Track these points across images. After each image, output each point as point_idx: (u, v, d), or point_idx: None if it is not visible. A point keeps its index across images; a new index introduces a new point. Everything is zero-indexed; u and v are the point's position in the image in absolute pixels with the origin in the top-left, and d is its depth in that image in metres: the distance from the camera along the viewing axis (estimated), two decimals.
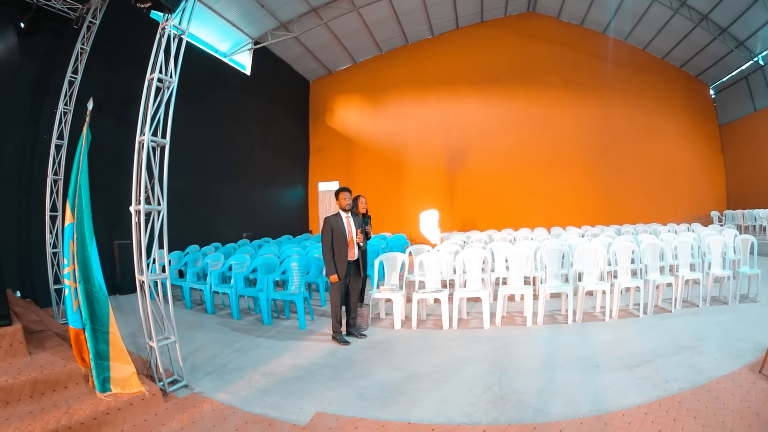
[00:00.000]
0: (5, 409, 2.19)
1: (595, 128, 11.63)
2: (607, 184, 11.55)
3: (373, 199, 13.32)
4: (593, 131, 11.64)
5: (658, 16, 10.16)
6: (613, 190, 11.52)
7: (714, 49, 10.43)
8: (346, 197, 4.24)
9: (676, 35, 10.54)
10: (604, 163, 11.57)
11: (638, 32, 11.11)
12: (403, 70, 12.70)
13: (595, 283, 4.54)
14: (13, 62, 5.32)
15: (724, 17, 9.38)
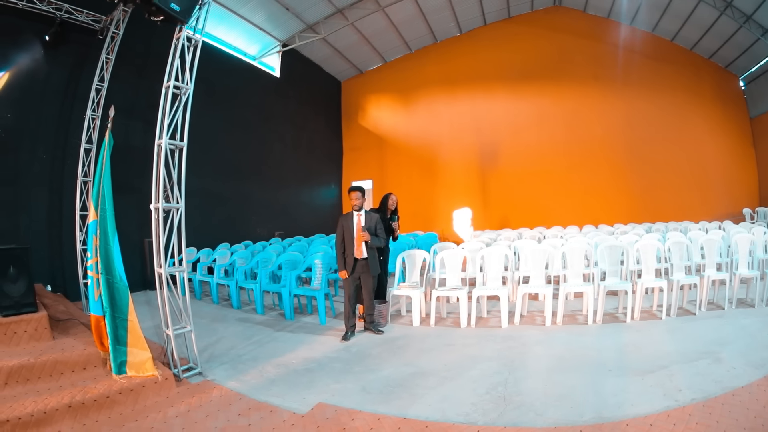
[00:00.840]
0: (25, 385, 2.46)
1: (625, 123, 11.20)
2: (639, 181, 11.11)
3: (407, 198, 13.41)
4: (624, 126, 11.22)
5: (684, 6, 9.66)
6: (646, 186, 11.06)
7: (740, 38, 9.73)
8: (356, 197, 4.33)
9: (703, 24, 9.96)
10: (635, 159, 11.13)
11: (665, 23, 10.58)
12: (433, 68, 12.70)
13: (617, 283, 4.26)
14: (41, 73, 5.82)
15: (748, 4, 8.76)
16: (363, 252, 4.27)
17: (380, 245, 4.41)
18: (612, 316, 4.45)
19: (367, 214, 4.35)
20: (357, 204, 4.32)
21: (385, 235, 4.48)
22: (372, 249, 4.31)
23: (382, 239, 4.40)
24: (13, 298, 3.01)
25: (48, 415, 2.27)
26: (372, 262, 4.31)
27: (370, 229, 4.30)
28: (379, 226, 4.39)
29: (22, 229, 5.56)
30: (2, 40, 5.56)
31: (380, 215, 4.59)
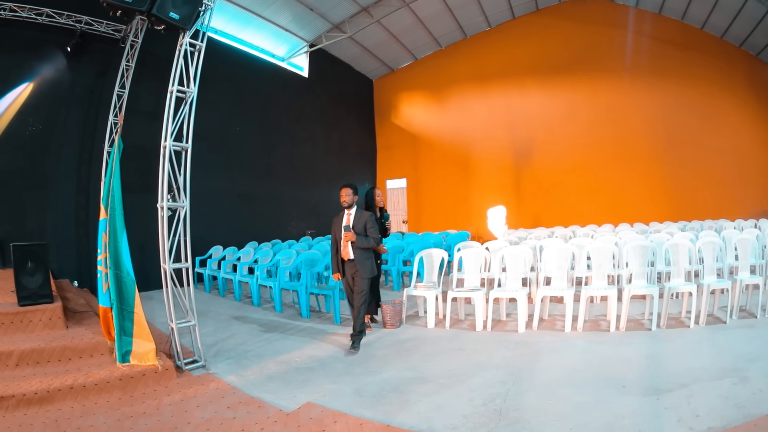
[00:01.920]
0: (34, 368, 2.76)
1: (658, 116, 10.58)
2: (674, 176, 10.45)
3: (441, 196, 13.46)
4: (657, 120, 10.60)
5: None
6: (681, 182, 10.40)
7: None
8: (344, 194, 4.17)
9: (731, 10, 9.15)
10: (669, 154, 10.49)
11: (694, 9, 9.85)
12: (464, 64, 12.62)
13: (643, 287, 3.90)
14: (65, 82, 6.35)
15: None
16: (349, 253, 4.10)
17: (368, 246, 4.09)
18: (637, 323, 4.13)
19: (357, 213, 4.18)
20: (344, 201, 4.16)
21: (377, 234, 4.21)
22: (361, 250, 4.08)
23: (372, 239, 4.10)
24: (31, 289, 3.38)
25: (50, 394, 2.54)
26: (362, 264, 4.07)
27: (358, 228, 4.09)
28: (371, 226, 4.12)
29: (48, 228, 6.12)
30: (26, 53, 6.12)
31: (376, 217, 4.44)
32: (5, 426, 2.31)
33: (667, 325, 3.94)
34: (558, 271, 4.57)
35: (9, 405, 2.40)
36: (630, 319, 4.06)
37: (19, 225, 5.78)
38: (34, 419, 2.39)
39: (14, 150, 6.14)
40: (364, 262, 4.07)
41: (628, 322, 3.97)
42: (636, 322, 4.13)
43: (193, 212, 8.98)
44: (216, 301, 6.68)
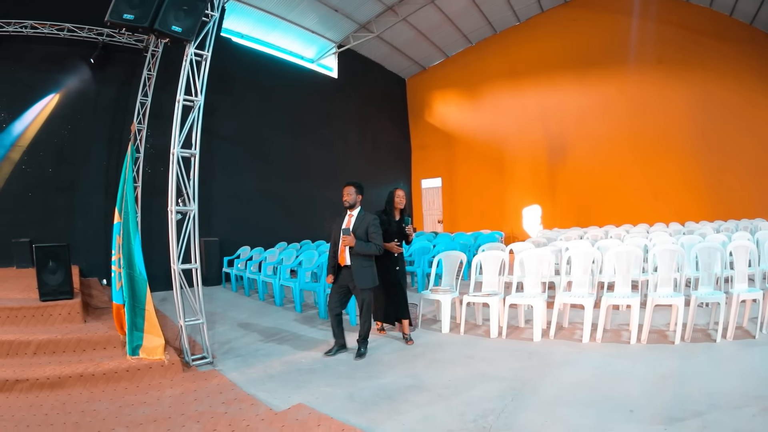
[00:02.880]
0: (50, 356, 3.10)
1: (692, 110, 10.05)
2: (710, 174, 9.87)
3: (476, 195, 13.33)
4: (691, 114, 10.07)
5: None
6: (717, 180, 9.81)
7: None
8: (347, 192, 3.89)
9: None
10: (704, 150, 9.93)
11: None
12: (495, 60, 12.51)
13: (668, 296, 3.55)
14: (91, 91, 6.89)
15: None
16: (346, 259, 3.79)
17: (368, 252, 3.74)
18: (661, 334, 3.85)
19: (360, 215, 3.86)
20: (346, 201, 3.87)
21: (380, 241, 3.84)
22: (360, 257, 3.74)
23: (374, 246, 3.75)
24: (52, 286, 3.78)
25: (62, 380, 2.85)
26: (360, 273, 3.73)
27: (359, 232, 3.77)
28: (373, 230, 3.78)
29: (77, 230, 6.70)
30: (50, 66, 6.67)
31: (386, 218, 4.22)
32: (17, 405, 2.64)
33: (693, 338, 3.63)
34: (581, 276, 4.31)
35: (23, 388, 2.75)
36: (654, 329, 3.78)
37: (49, 227, 6.36)
38: (43, 401, 2.71)
39: (43, 157, 6.75)
40: (362, 270, 3.74)
41: (651, 334, 3.71)
42: (660, 334, 3.85)
43: (223, 214, 9.53)
44: (240, 300, 7.02)
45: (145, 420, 2.67)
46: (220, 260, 8.34)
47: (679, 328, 3.60)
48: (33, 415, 2.53)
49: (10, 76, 6.46)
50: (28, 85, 6.61)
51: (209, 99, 9.64)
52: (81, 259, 6.43)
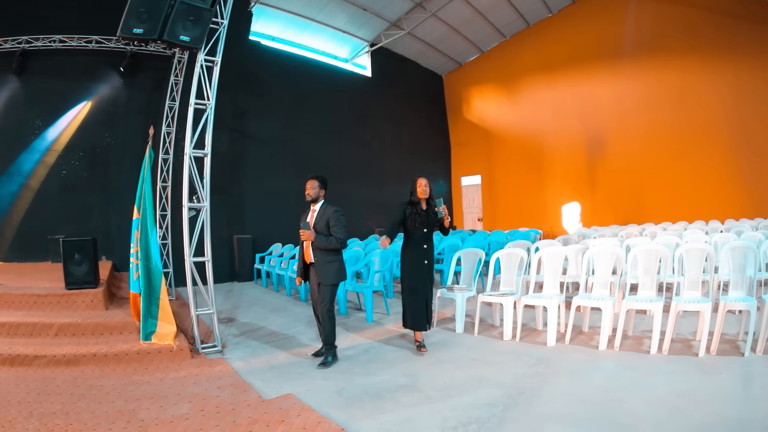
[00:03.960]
0: (70, 338, 3.48)
1: (730, 101, 9.28)
2: (751, 169, 9.05)
3: (515, 192, 13.01)
4: (729, 104, 9.30)
5: None
6: (759, 175, 8.98)
7: None
8: (309, 186, 3.73)
9: None
10: (744, 143, 9.12)
11: None
12: (530, 54, 12.21)
13: (693, 301, 3.13)
14: (122, 98, 7.46)
15: None
16: (310, 255, 3.66)
17: (328, 246, 3.57)
18: (685, 344, 3.50)
19: (322, 209, 3.70)
20: (308, 195, 3.72)
21: (344, 234, 3.64)
22: (322, 252, 3.60)
23: (335, 239, 3.58)
24: (77, 276, 4.21)
25: (76, 358, 3.20)
26: (323, 268, 3.58)
27: (319, 226, 3.62)
28: (334, 223, 3.61)
29: (112, 227, 7.27)
30: (81, 76, 7.26)
31: (411, 208, 3.90)
32: (33, 377, 3.01)
33: (719, 350, 3.25)
34: (602, 277, 3.99)
35: (41, 363, 3.14)
36: (679, 338, 3.44)
37: (84, 225, 6.97)
38: (57, 375, 3.06)
39: (78, 160, 7.42)
40: (325, 266, 3.59)
41: (674, 343, 3.37)
42: (685, 344, 3.49)
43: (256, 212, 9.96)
44: (268, 295, 7.34)
45: (143, 396, 2.94)
46: (252, 257, 8.74)
47: (704, 338, 3.23)
48: (45, 386, 2.88)
49: (43, 86, 7.18)
50: (61, 94, 7.32)
51: (240, 101, 10.18)
52: (115, 254, 7.07)
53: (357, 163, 11.54)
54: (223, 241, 8.60)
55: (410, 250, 3.96)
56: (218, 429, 2.51)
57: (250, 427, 2.52)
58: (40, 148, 7.09)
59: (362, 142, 11.72)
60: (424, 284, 3.93)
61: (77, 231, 5.30)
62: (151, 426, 2.55)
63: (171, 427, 2.52)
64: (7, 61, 6.83)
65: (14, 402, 2.69)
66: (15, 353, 3.16)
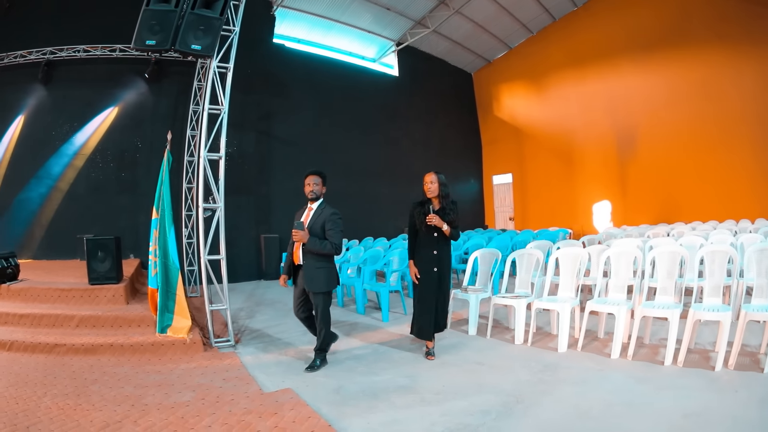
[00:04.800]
0: (90, 329, 3.76)
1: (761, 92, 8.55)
2: None
3: (546, 191, 12.60)
4: (758, 96, 8.58)
5: None
6: None
7: None
8: (310, 182, 3.54)
9: None
10: None
11: None
12: (557, 49, 11.82)
13: (711, 309, 2.82)
14: (148, 102, 7.79)
15: None
16: (299, 257, 3.45)
17: (321, 251, 3.35)
18: (703, 355, 3.23)
19: (319, 209, 3.49)
20: (309, 192, 3.51)
21: (340, 239, 3.43)
22: (314, 256, 3.38)
23: (330, 244, 3.36)
24: (100, 272, 4.51)
25: (94, 347, 3.46)
26: (312, 275, 3.37)
27: (314, 228, 3.41)
28: (330, 227, 3.40)
29: (140, 227, 7.39)
30: (107, 83, 7.62)
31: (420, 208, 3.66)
32: (52, 363, 3.28)
33: (738, 364, 2.96)
34: (620, 280, 3.74)
35: (60, 351, 3.43)
36: (698, 349, 3.17)
37: (113, 224, 7.27)
38: (75, 362, 3.33)
39: (107, 163, 7.84)
40: (315, 271, 3.38)
41: (692, 354, 3.08)
42: (703, 355, 3.23)
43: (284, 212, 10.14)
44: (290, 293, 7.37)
45: (151, 384, 3.13)
46: (279, 256, 8.93)
47: (722, 350, 2.96)
48: (62, 371, 3.15)
49: (69, 94, 7.64)
50: (87, 101, 7.78)
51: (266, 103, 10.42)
52: (142, 253, 7.28)
53: (386, 162, 11.54)
54: (250, 240, 8.90)
55: (419, 255, 3.68)
56: (214, 416, 2.63)
57: (243, 417, 2.62)
58: (68, 152, 7.61)
59: (391, 141, 11.72)
60: (434, 293, 3.62)
61: (106, 230, 5.56)
62: (153, 410, 2.71)
63: (171, 412, 2.68)
64: (33, 71, 7.34)
65: (31, 383, 2.96)
66: (37, 341, 3.47)
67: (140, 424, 2.53)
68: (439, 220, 3.53)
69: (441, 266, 3.66)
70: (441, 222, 3.54)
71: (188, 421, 2.57)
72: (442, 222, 3.55)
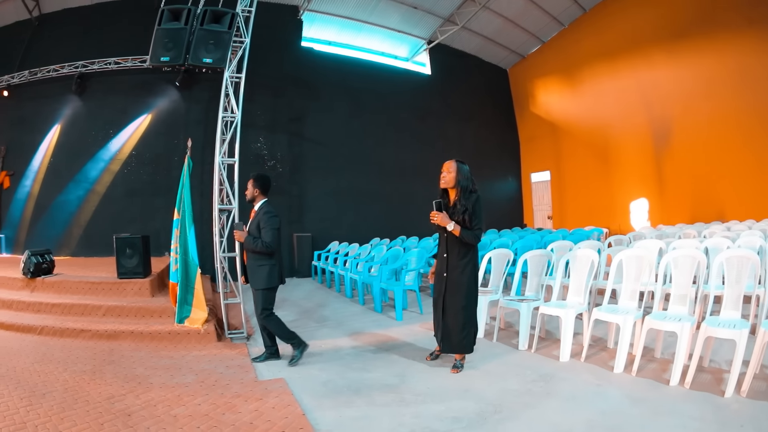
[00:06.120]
0: (115, 318, 4.14)
1: None
2: None
3: (583, 189, 11.88)
4: None
5: None
6: None
7: None
8: (247, 185, 3.56)
9: None
10: None
11: None
12: (589, 41, 11.17)
13: (726, 325, 2.41)
14: (180, 109, 8.12)
15: None
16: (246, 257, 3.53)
17: (255, 249, 3.37)
18: (716, 376, 2.85)
19: (260, 210, 3.51)
20: (246, 195, 3.59)
21: (271, 237, 3.34)
22: (254, 254, 3.43)
23: (261, 242, 3.34)
24: (127, 267, 4.87)
25: (116, 334, 3.82)
26: (252, 272, 3.43)
27: (251, 227, 3.46)
28: (264, 225, 3.39)
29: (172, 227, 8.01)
30: (140, 92, 7.99)
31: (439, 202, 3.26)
32: (76, 346, 3.66)
33: (751, 390, 2.51)
34: (630, 285, 3.39)
35: (85, 336, 3.84)
36: (712, 368, 2.82)
37: (149, 224, 7.69)
38: (97, 346, 3.71)
39: (142, 167, 8.30)
40: (256, 269, 3.44)
41: (701, 374, 2.76)
42: (715, 376, 2.85)
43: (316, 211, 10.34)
44: (319, 291, 7.61)
45: (161, 367, 3.43)
46: (311, 254, 9.14)
47: (736, 372, 2.54)
48: (85, 353, 3.53)
49: (103, 103, 8.13)
50: (121, 109, 8.25)
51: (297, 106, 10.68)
52: None
53: (422, 162, 11.35)
54: (283, 238, 8.98)
55: (437, 257, 3.32)
56: (206, 397, 2.85)
57: (231, 400, 2.81)
58: (104, 157, 8.21)
59: (425, 140, 11.53)
60: (440, 303, 3.24)
61: (142, 230, 5.90)
62: (156, 388, 2.99)
63: (170, 390, 2.95)
64: (67, 83, 7.94)
65: (54, 361, 3.36)
66: (65, 327, 3.89)
67: (141, 398, 2.81)
68: (442, 219, 3.04)
69: (450, 274, 3.18)
70: (445, 221, 3.04)
71: (182, 399, 2.81)
72: (447, 221, 3.04)
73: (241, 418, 2.53)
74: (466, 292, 3.20)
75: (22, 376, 3.07)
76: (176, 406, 2.69)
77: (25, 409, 2.53)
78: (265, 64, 8.70)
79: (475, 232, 3.11)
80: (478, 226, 3.12)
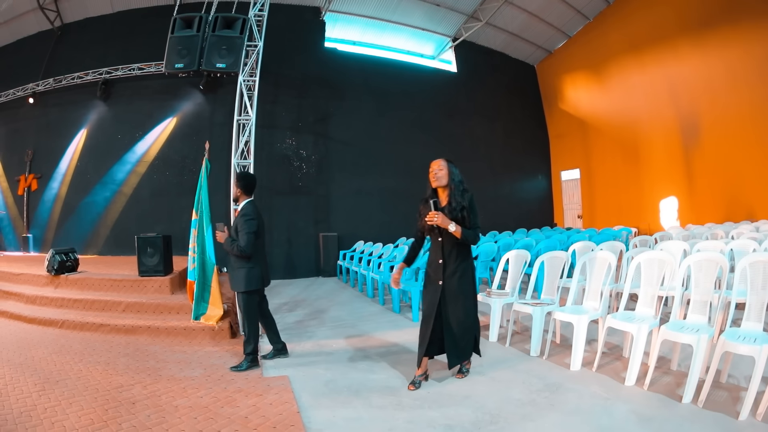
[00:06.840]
0: (135, 314, 4.33)
1: None
2: None
3: (613, 187, 11.64)
4: None
5: None
6: None
7: None
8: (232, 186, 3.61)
9: None
10: None
11: None
12: (615, 34, 10.71)
13: (746, 339, 2.16)
14: (205, 112, 8.22)
15: None
16: None
17: (231, 251, 3.36)
18: (733, 394, 2.55)
19: (241, 209, 3.49)
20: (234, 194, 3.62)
21: (246, 240, 3.29)
22: (234, 257, 3.40)
23: (236, 246, 3.31)
24: (148, 265, 5.06)
25: (134, 328, 4.00)
26: (232, 274, 3.45)
27: (231, 230, 3.49)
28: (240, 226, 3.35)
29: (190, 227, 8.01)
30: (164, 96, 8.08)
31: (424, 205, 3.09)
32: (94, 339, 3.85)
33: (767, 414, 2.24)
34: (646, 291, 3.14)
35: (104, 330, 4.05)
36: (730, 384, 2.52)
37: (175, 225, 7.57)
38: (114, 339, 3.90)
39: (168, 168, 8.41)
40: (236, 271, 3.42)
41: (717, 391, 2.51)
42: (732, 393, 2.57)
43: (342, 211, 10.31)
44: (343, 291, 7.56)
45: (172, 360, 3.58)
46: (337, 254, 9.08)
47: (753, 392, 2.27)
48: (102, 345, 3.73)
49: (128, 107, 8.29)
50: (147, 113, 8.42)
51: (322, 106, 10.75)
52: None
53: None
54: (309, 238, 9.22)
55: (426, 264, 3.08)
56: (209, 390, 2.95)
57: (232, 394, 2.88)
58: (131, 160, 8.46)
59: (452, 138, 11.27)
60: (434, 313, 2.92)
61: (167, 230, 5.97)
62: (164, 380, 3.13)
63: (177, 383, 3.07)
64: (92, 89, 8.19)
65: (72, 352, 3.58)
66: (85, 321, 4.12)
67: (148, 388, 2.94)
68: (443, 219, 2.81)
69: (448, 281, 2.93)
70: (445, 222, 2.82)
71: (187, 391, 2.92)
72: (447, 221, 2.83)
73: (238, 412, 2.59)
74: (469, 296, 3.02)
75: (39, 365, 3.28)
76: (180, 397, 2.80)
77: (38, 393, 2.72)
78: (289, 65, 8.83)
79: (475, 231, 2.96)
80: (478, 225, 2.98)
